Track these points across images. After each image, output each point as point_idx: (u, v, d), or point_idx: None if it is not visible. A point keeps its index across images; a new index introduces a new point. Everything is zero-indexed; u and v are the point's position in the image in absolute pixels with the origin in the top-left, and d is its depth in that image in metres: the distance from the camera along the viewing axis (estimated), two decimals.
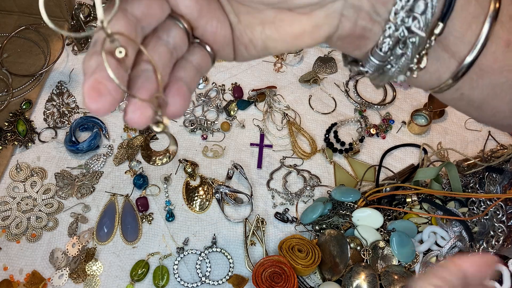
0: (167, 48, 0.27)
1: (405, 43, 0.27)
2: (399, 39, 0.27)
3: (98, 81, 0.23)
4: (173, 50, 0.27)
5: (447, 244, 0.60)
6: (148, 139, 0.74)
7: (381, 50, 0.28)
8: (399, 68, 0.28)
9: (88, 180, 0.70)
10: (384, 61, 0.28)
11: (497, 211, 0.61)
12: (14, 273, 0.62)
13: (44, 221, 0.66)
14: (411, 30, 0.26)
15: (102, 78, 0.23)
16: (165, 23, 0.27)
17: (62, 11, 0.82)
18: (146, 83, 0.25)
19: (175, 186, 0.71)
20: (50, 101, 0.77)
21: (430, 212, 0.64)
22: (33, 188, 0.69)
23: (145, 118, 0.24)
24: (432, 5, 0.26)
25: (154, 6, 0.26)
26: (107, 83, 0.23)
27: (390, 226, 0.63)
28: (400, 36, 0.27)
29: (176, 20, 0.27)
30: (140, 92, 0.25)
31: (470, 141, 0.76)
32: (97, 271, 0.63)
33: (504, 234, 0.60)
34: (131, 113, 0.24)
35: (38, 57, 0.81)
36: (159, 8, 0.26)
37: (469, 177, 0.67)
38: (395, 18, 0.26)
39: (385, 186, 0.68)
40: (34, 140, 0.73)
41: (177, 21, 0.27)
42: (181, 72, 0.28)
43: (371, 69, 0.29)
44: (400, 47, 0.27)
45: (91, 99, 0.22)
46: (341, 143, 0.75)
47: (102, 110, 0.23)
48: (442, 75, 0.30)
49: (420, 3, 0.26)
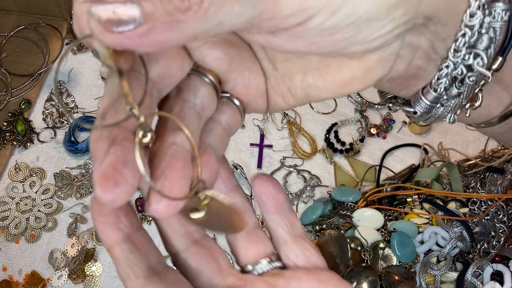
0: (195, 112, 0.23)
1: (463, 82, 0.25)
2: (456, 78, 0.25)
3: (113, 167, 0.18)
4: (201, 112, 0.23)
5: (448, 245, 0.60)
6: None
7: (435, 90, 0.25)
8: (450, 107, 0.26)
9: (87, 180, 0.70)
10: (437, 102, 0.26)
11: (498, 211, 0.61)
12: (13, 274, 0.62)
13: (43, 222, 0.66)
14: (472, 68, 0.24)
15: (117, 162, 0.18)
16: (190, 80, 0.23)
17: (61, 10, 0.82)
18: (176, 165, 0.20)
19: None
20: (49, 101, 0.77)
21: (431, 212, 0.64)
22: (32, 188, 0.69)
23: (175, 210, 0.20)
24: (496, 39, 0.23)
25: (173, 66, 0.22)
26: (124, 169, 0.18)
27: (391, 227, 0.63)
28: (458, 74, 0.24)
29: (203, 76, 0.24)
30: (169, 178, 0.20)
31: (471, 141, 0.76)
32: (96, 271, 0.63)
33: (505, 235, 0.60)
34: (155, 203, 0.20)
35: (37, 57, 0.81)
36: (179, 67, 0.22)
37: (470, 177, 0.67)
38: (455, 56, 0.24)
39: (386, 186, 0.67)
40: (33, 140, 0.73)
41: (204, 77, 0.24)
42: (209, 137, 0.24)
43: (422, 110, 0.27)
44: (457, 87, 0.25)
45: (106, 190, 0.18)
46: (341, 143, 0.75)
47: (119, 201, 0.18)
48: (493, 109, 0.28)
49: (485, 38, 0.23)
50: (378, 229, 0.63)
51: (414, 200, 0.65)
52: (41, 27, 0.82)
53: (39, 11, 0.82)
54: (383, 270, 0.59)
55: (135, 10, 0.17)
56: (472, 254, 0.61)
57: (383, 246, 0.61)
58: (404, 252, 0.59)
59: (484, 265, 0.57)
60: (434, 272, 0.59)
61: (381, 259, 0.60)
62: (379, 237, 0.62)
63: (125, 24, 0.17)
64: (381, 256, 0.61)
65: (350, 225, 0.64)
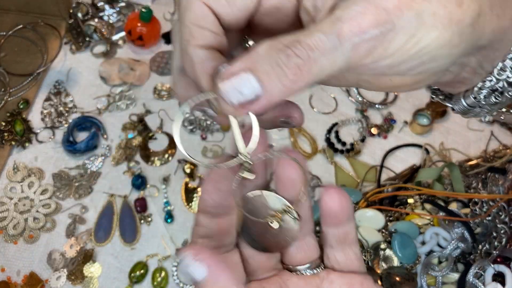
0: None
1: (502, 94, 0.27)
2: (497, 89, 0.27)
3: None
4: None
5: (449, 246, 0.59)
6: (146, 139, 0.74)
7: (475, 98, 0.28)
8: (486, 110, 0.29)
9: (86, 180, 0.69)
10: (475, 106, 0.29)
11: (500, 212, 0.61)
12: (11, 275, 0.62)
13: (41, 222, 0.65)
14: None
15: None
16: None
17: (60, 9, 0.82)
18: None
19: (174, 187, 0.70)
20: (48, 100, 0.77)
21: (432, 213, 0.63)
22: (31, 188, 0.68)
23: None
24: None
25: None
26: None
27: (392, 227, 0.62)
28: (499, 87, 0.27)
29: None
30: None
31: (472, 141, 0.76)
32: (95, 272, 0.62)
33: (506, 235, 0.60)
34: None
35: (35, 56, 0.80)
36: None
37: (472, 178, 0.66)
38: (500, 74, 0.26)
39: (387, 186, 0.67)
40: (32, 140, 0.73)
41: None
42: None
43: (459, 109, 0.30)
44: (496, 97, 0.27)
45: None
46: (342, 143, 0.75)
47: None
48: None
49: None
50: (379, 229, 0.62)
51: (415, 201, 0.64)
52: (39, 26, 0.81)
53: (38, 10, 0.82)
54: (384, 271, 0.58)
55: (256, 86, 0.21)
56: (474, 255, 0.60)
57: (384, 247, 0.60)
58: (405, 253, 0.59)
59: (486, 266, 0.56)
60: (435, 273, 0.58)
61: (382, 260, 0.60)
62: (380, 238, 0.61)
63: (249, 98, 0.22)
64: (382, 257, 0.60)
65: None
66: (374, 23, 0.21)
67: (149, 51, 0.83)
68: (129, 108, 0.77)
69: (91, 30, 0.83)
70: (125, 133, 0.74)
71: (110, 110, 0.76)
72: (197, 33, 0.24)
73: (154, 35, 0.82)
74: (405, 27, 0.22)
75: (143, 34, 0.80)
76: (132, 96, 0.78)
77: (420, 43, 0.22)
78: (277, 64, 0.21)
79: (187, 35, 0.24)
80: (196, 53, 0.24)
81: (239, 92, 0.21)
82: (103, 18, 0.85)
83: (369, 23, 0.21)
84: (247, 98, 0.21)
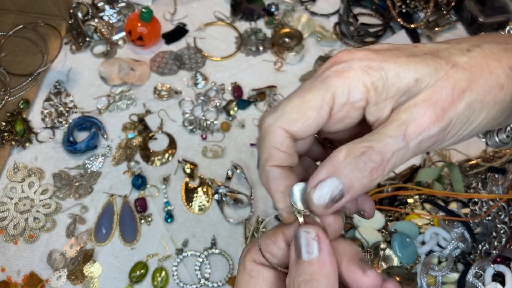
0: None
1: None
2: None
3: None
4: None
5: (449, 246, 0.59)
6: (146, 139, 0.74)
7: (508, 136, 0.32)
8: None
9: (86, 180, 0.69)
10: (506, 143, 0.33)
11: (500, 212, 0.61)
12: (11, 275, 0.62)
13: (41, 222, 0.65)
14: None
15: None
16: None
17: (60, 9, 0.82)
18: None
19: (174, 187, 0.70)
20: (48, 100, 0.77)
21: (432, 213, 0.63)
22: (31, 188, 0.68)
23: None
24: None
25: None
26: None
27: (392, 227, 0.62)
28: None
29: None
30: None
31: (472, 141, 0.75)
32: (95, 272, 0.62)
33: (506, 235, 0.60)
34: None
35: (35, 56, 0.80)
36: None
37: (471, 178, 0.66)
38: None
39: (387, 186, 0.67)
40: (32, 140, 0.73)
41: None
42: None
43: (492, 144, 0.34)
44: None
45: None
46: None
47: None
48: None
49: None
50: (379, 229, 0.62)
51: (415, 201, 0.64)
52: (40, 26, 0.82)
53: (38, 10, 0.82)
54: (384, 271, 0.58)
55: (341, 188, 0.26)
56: (473, 255, 0.60)
57: (384, 247, 0.60)
58: (405, 253, 0.59)
59: (486, 266, 0.56)
60: (435, 273, 0.58)
61: (382, 260, 0.60)
62: (380, 237, 0.61)
63: (336, 198, 0.27)
64: (382, 257, 0.60)
65: (350, 225, 0.64)
66: (434, 121, 0.26)
67: (149, 51, 0.83)
68: (129, 108, 0.77)
69: (91, 30, 0.83)
70: (125, 133, 0.74)
71: (110, 110, 0.76)
72: (275, 155, 0.29)
73: (154, 35, 0.82)
74: (459, 118, 0.27)
75: (143, 34, 0.80)
76: (132, 96, 0.78)
77: (471, 126, 0.27)
78: (357, 170, 0.26)
79: (267, 154, 0.29)
80: (272, 171, 0.29)
81: (327, 194, 0.26)
82: (103, 18, 0.85)
83: (430, 122, 0.26)
84: (334, 198, 0.26)
